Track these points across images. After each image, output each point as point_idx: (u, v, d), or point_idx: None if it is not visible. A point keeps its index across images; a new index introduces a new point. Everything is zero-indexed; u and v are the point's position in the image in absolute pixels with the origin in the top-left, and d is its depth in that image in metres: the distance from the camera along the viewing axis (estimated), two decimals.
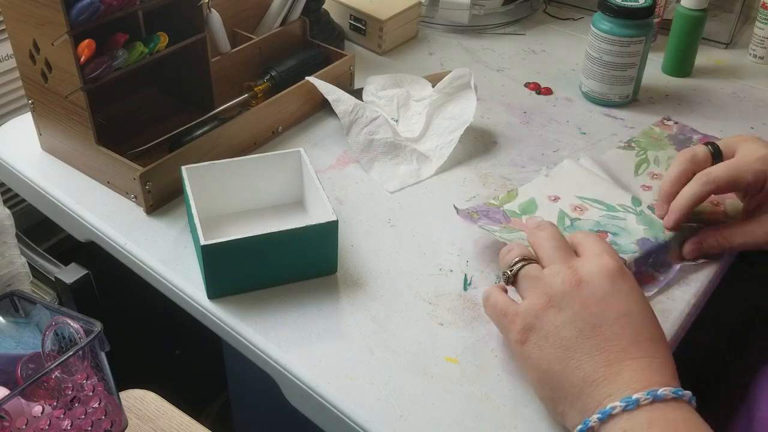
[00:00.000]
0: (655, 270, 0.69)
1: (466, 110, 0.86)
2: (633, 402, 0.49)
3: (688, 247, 0.69)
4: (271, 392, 0.64)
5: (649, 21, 0.90)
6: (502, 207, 0.74)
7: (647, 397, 0.49)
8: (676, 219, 0.69)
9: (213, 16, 0.87)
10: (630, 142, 0.86)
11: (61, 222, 0.81)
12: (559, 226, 0.71)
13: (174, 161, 0.75)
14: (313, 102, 0.90)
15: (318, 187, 0.70)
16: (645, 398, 0.49)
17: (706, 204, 0.74)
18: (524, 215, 0.73)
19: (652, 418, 0.49)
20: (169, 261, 0.71)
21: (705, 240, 0.69)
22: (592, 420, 0.50)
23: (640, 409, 0.49)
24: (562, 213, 0.73)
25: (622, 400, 0.49)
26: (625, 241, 0.69)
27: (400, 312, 0.66)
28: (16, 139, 0.86)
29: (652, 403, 0.49)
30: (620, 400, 0.49)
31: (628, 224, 0.71)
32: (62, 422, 0.60)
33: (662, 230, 0.70)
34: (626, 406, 0.49)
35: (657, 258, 0.69)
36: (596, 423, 0.50)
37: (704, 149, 0.71)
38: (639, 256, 0.67)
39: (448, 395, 0.59)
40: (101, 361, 0.63)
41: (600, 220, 0.71)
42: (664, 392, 0.49)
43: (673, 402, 0.49)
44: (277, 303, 0.66)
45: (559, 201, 0.74)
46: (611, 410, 0.49)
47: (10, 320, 0.70)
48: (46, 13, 0.68)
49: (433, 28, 1.14)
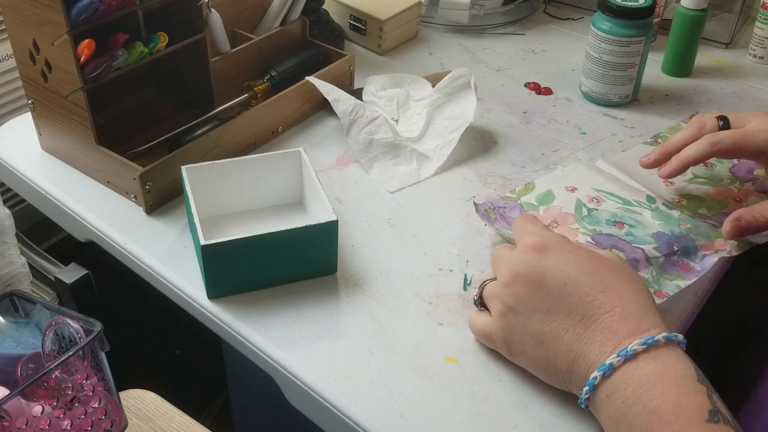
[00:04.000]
0: (688, 259, 0.68)
1: (466, 110, 0.86)
2: (608, 367, 0.50)
3: (727, 226, 0.69)
4: (271, 392, 0.64)
5: (649, 21, 0.90)
6: (520, 200, 0.74)
7: (618, 358, 0.50)
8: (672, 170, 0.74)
9: (213, 16, 0.87)
10: (657, 138, 0.87)
11: (61, 222, 0.81)
12: (577, 215, 0.71)
13: (174, 161, 0.75)
14: (313, 102, 0.90)
15: (318, 187, 0.70)
16: (617, 359, 0.50)
17: (729, 200, 0.76)
18: (542, 206, 0.73)
19: (626, 379, 0.50)
20: (169, 261, 0.71)
21: (743, 216, 0.68)
22: (583, 394, 0.52)
23: (616, 371, 0.50)
24: (579, 202, 0.73)
25: (599, 369, 0.51)
26: (641, 233, 0.69)
27: (400, 312, 0.66)
28: (16, 139, 0.86)
29: (624, 363, 0.50)
30: (597, 369, 0.51)
31: (644, 218, 0.71)
32: (62, 422, 0.60)
33: (677, 224, 0.70)
34: (604, 373, 0.50)
35: (684, 247, 0.69)
36: (588, 395, 0.52)
37: (714, 120, 0.74)
38: (657, 246, 0.68)
39: (448, 395, 0.59)
40: (101, 361, 0.63)
41: (617, 211, 0.72)
42: (633, 348, 0.50)
43: (646, 353, 0.50)
44: (277, 303, 0.66)
45: (576, 191, 0.74)
46: (594, 381, 0.51)
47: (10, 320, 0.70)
48: (46, 13, 0.68)
49: (433, 28, 1.14)
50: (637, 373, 0.49)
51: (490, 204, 0.74)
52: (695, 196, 0.77)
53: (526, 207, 0.73)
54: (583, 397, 0.52)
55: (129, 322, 0.96)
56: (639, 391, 0.49)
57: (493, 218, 0.72)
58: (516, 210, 0.73)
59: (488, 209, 0.73)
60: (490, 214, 0.73)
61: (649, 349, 0.50)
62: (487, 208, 0.73)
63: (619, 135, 0.90)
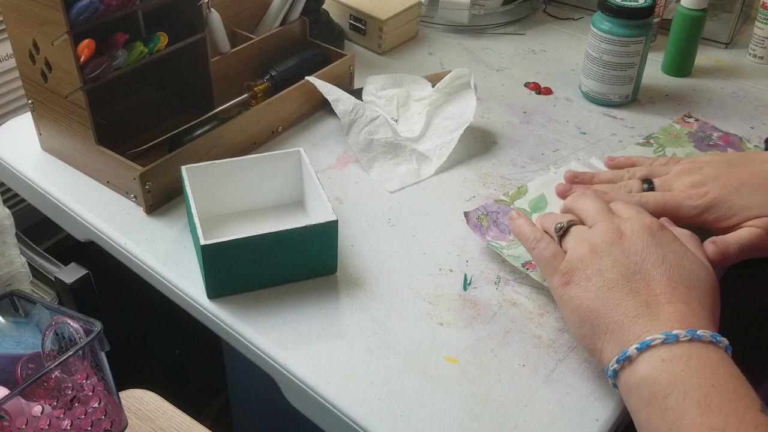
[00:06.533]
0: None
1: (466, 110, 0.86)
2: (673, 336, 0.51)
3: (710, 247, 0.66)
4: (271, 392, 0.65)
5: (649, 21, 0.90)
6: (513, 204, 0.74)
7: (687, 335, 0.51)
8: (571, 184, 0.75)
9: (213, 16, 0.87)
10: (649, 138, 0.87)
11: (61, 222, 0.81)
12: None
13: (174, 161, 0.75)
14: (313, 102, 0.90)
15: (318, 186, 0.70)
16: (685, 335, 0.51)
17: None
18: (534, 213, 0.73)
19: (690, 353, 0.51)
20: (169, 261, 0.71)
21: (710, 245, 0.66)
22: (630, 350, 0.52)
23: (679, 344, 0.51)
24: None
25: (662, 333, 0.52)
26: None
27: (400, 312, 0.66)
28: (16, 139, 0.86)
29: (691, 341, 0.51)
30: (660, 333, 0.52)
31: None
32: (62, 422, 0.60)
33: None
34: (666, 339, 0.52)
35: None
36: (634, 353, 0.52)
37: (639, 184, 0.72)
38: None
39: (448, 395, 0.59)
40: (101, 360, 0.63)
41: None
42: (703, 333, 0.51)
43: (711, 345, 0.52)
44: (277, 303, 0.66)
45: None
46: (651, 341, 0.52)
47: (10, 320, 0.70)
48: (46, 13, 0.68)
49: (433, 28, 1.14)
50: (702, 352, 0.51)
51: (483, 209, 0.74)
52: None
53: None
54: (626, 353, 0.52)
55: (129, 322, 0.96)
56: (702, 366, 0.50)
57: (485, 227, 0.72)
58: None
59: (481, 216, 0.73)
60: (482, 221, 0.73)
61: (713, 343, 0.52)
62: (480, 214, 0.73)
63: (619, 135, 0.90)
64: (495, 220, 0.73)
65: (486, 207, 0.74)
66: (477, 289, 0.68)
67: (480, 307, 0.66)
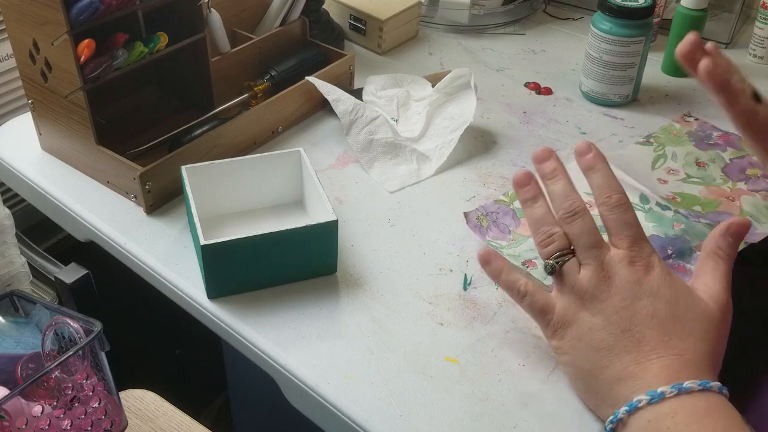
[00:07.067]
0: (683, 261, 0.68)
1: (466, 110, 0.86)
2: (658, 395, 0.51)
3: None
4: (271, 392, 0.65)
5: (649, 21, 0.90)
6: (512, 204, 0.74)
7: (672, 390, 0.51)
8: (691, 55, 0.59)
9: (213, 16, 0.87)
10: (649, 138, 0.87)
11: (61, 222, 0.81)
12: None
13: (174, 161, 0.75)
14: (313, 102, 0.90)
15: (318, 186, 0.70)
16: (670, 391, 0.51)
17: (721, 199, 0.75)
18: None
19: (675, 409, 0.50)
20: (169, 261, 0.71)
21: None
22: (620, 412, 0.52)
23: (665, 401, 0.51)
24: None
25: (647, 394, 0.51)
26: None
27: (400, 312, 0.66)
28: (16, 139, 0.86)
29: (678, 395, 0.51)
30: (646, 394, 0.51)
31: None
32: (62, 422, 0.60)
33: (671, 226, 0.70)
34: (651, 399, 0.51)
35: (678, 249, 0.68)
36: (624, 415, 0.52)
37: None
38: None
39: (448, 395, 0.59)
40: (101, 360, 0.63)
41: None
42: (690, 384, 0.51)
43: (700, 393, 0.51)
44: (277, 303, 0.66)
45: None
46: (637, 403, 0.51)
47: (10, 320, 0.70)
48: (46, 12, 0.68)
49: (433, 28, 1.14)
50: (688, 405, 0.50)
51: (483, 210, 0.74)
52: (689, 195, 0.78)
53: (519, 214, 0.73)
54: (618, 416, 0.52)
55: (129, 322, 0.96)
56: (688, 420, 0.50)
57: (485, 227, 0.72)
58: (509, 215, 0.73)
59: (480, 216, 0.73)
60: (482, 222, 0.73)
61: (703, 391, 0.51)
62: (480, 215, 0.73)
63: (619, 135, 0.90)
64: (495, 221, 0.73)
65: (486, 207, 0.74)
66: (477, 289, 0.68)
67: (480, 307, 0.66)
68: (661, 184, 0.79)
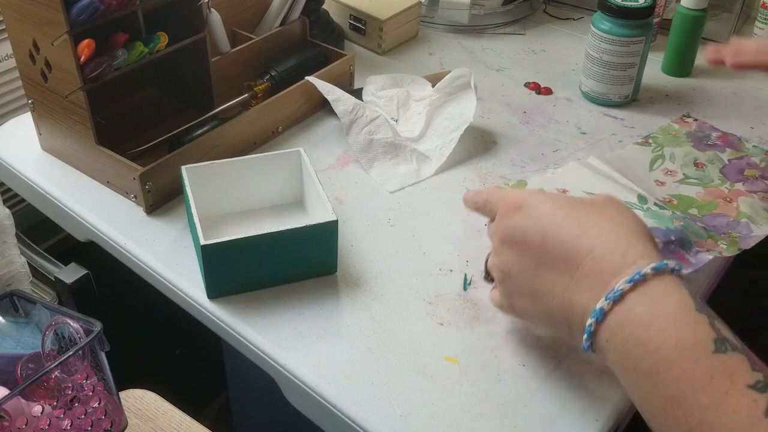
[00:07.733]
0: (684, 250, 0.68)
1: (466, 110, 0.86)
2: (599, 312, 0.49)
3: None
4: (271, 392, 0.64)
5: (649, 21, 0.90)
6: None
7: (607, 302, 0.48)
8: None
9: (213, 16, 0.87)
10: (647, 138, 0.87)
11: (61, 222, 0.81)
12: None
13: (174, 161, 0.75)
14: (313, 102, 0.90)
15: (318, 186, 0.70)
16: (606, 303, 0.48)
17: (719, 200, 0.76)
18: None
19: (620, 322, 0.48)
20: (169, 261, 0.71)
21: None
22: (585, 342, 0.50)
23: (608, 315, 0.48)
24: None
25: (591, 315, 0.49)
26: None
27: (400, 312, 0.66)
28: (16, 139, 0.86)
29: (614, 305, 0.48)
30: (590, 316, 0.49)
31: None
32: (62, 422, 0.60)
33: (671, 222, 0.70)
34: (597, 319, 0.49)
35: (680, 238, 0.69)
36: (588, 342, 0.50)
37: None
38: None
39: (448, 395, 0.59)
40: (101, 360, 0.63)
41: None
42: (620, 288, 0.48)
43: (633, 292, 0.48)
44: (277, 303, 0.66)
45: (567, 193, 0.74)
46: (590, 328, 0.49)
47: (10, 320, 0.70)
48: (46, 12, 0.68)
49: (433, 28, 1.14)
50: (630, 314, 0.47)
51: None
52: (686, 197, 0.78)
53: None
54: (585, 345, 0.50)
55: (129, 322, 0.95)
56: (636, 332, 0.46)
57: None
58: None
59: None
60: None
61: (636, 286, 0.48)
62: None
63: (619, 135, 0.90)
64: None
65: None
66: (477, 289, 0.68)
67: (480, 307, 0.66)
68: (658, 186, 0.79)
